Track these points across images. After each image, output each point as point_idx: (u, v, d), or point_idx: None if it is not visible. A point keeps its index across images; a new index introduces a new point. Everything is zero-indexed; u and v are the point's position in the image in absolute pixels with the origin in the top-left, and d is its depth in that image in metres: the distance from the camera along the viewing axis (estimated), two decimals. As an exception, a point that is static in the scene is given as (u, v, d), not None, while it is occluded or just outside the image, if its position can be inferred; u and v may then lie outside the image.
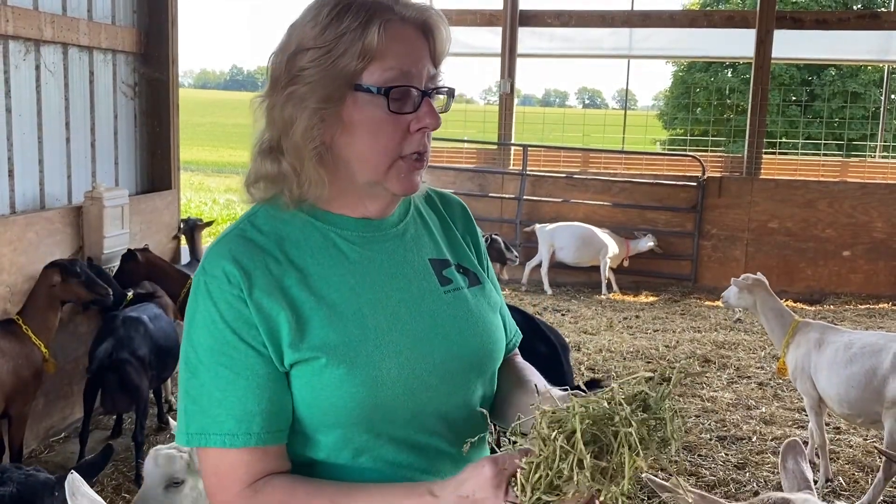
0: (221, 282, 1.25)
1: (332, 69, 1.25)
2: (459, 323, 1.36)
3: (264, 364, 1.24)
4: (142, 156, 6.39)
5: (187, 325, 1.28)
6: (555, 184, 10.66)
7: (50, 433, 5.19)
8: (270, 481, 1.25)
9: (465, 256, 1.46)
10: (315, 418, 1.27)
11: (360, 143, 1.28)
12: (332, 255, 1.31)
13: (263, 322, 1.24)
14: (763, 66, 10.23)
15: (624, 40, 11.36)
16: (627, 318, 8.68)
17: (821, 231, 10.05)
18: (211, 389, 1.24)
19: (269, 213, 1.33)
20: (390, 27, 1.25)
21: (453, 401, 1.35)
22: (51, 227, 5.13)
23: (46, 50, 5.25)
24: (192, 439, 1.26)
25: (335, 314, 1.27)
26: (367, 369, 1.25)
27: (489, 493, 1.12)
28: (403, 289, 1.34)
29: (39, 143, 5.23)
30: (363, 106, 1.26)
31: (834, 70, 20.38)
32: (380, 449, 1.29)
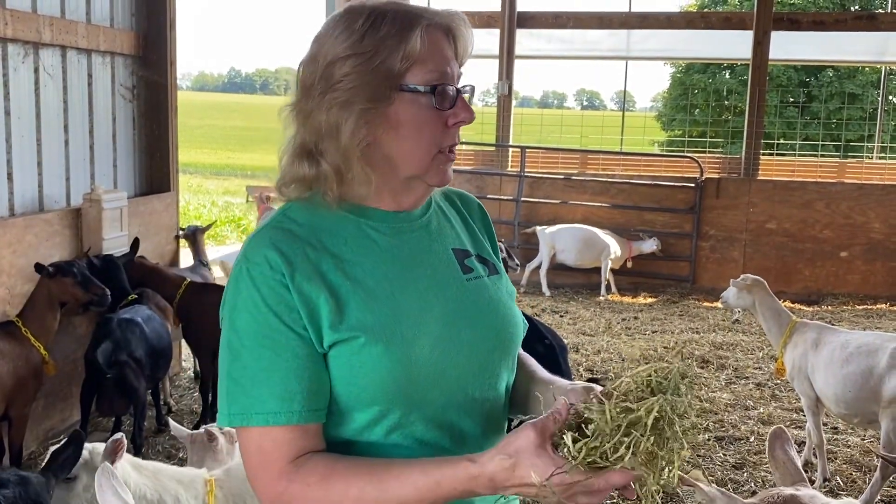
0: (263, 268, 1.32)
1: (377, 72, 1.34)
2: (482, 308, 1.45)
3: (304, 346, 1.31)
4: (140, 158, 6.40)
5: (229, 311, 1.35)
6: (553, 185, 10.68)
7: (49, 435, 5.19)
8: (311, 458, 1.31)
9: (483, 248, 1.56)
10: (352, 396, 1.34)
11: (407, 140, 1.37)
12: (364, 244, 1.39)
13: (304, 305, 1.31)
14: (760, 67, 10.25)
15: (622, 42, 11.40)
16: (626, 319, 8.70)
17: (818, 232, 10.07)
18: (254, 371, 1.31)
19: (303, 207, 1.41)
20: (428, 32, 1.35)
21: (479, 382, 1.43)
22: (50, 229, 5.14)
23: (45, 53, 5.26)
24: (234, 419, 1.32)
25: (370, 297, 1.35)
26: (402, 347, 1.33)
27: (532, 451, 1.18)
28: (430, 276, 1.42)
29: (38, 145, 5.24)
30: (408, 105, 1.36)
31: (831, 71, 20.42)
32: (411, 426, 1.36)
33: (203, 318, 5.35)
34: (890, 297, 9.77)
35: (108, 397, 4.56)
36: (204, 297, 5.40)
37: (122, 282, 5.12)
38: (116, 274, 5.10)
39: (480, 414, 1.43)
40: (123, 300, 5.09)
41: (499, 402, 1.47)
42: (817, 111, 18.08)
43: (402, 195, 1.44)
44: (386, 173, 1.40)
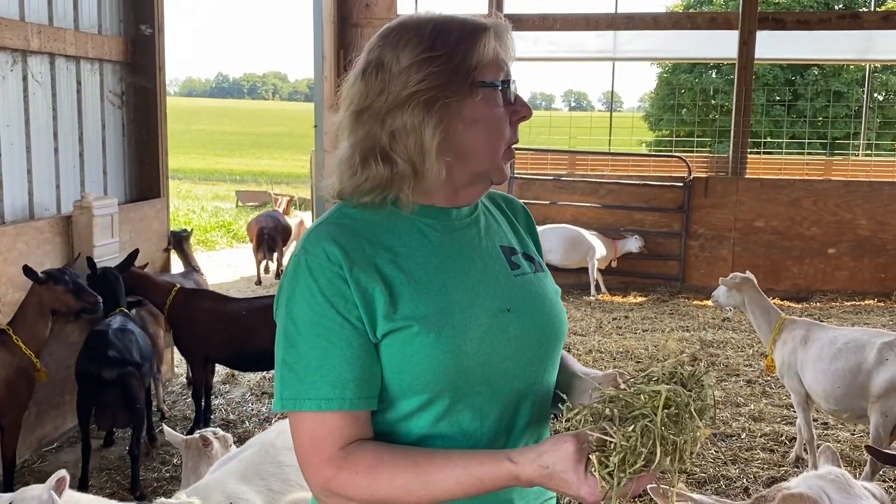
0: (322, 260, 1.38)
1: (456, 71, 1.41)
2: (529, 303, 1.50)
3: (358, 336, 1.37)
4: (130, 164, 6.40)
5: (287, 300, 1.40)
6: (542, 186, 10.71)
7: (43, 443, 5.19)
8: (361, 446, 1.36)
9: (528, 247, 1.62)
10: (403, 384, 1.39)
11: (480, 136, 1.44)
12: (416, 239, 1.45)
13: (361, 296, 1.37)
14: (746, 66, 10.32)
15: (609, 43, 11.45)
16: (617, 318, 8.74)
17: (806, 229, 10.14)
18: (308, 358, 1.36)
19: (356, 206, 1.47)
20: (499, 37, 1.45)
21: (526, 375, 1.47)
22: (40, 236, 5.13)
23: (33, 60, 5.26)
24: (286, 404, 1.37)
25: (423, 289, 1.41)
26: (452, 338, 1.38)
27: (570, 467, 1.22)
28: (480, 270, 1.48)
29: (28, 153, 5.24)
30: (482, 102, 1.43)
31: (816, 70, 20.57)
32: (458, 415, 1.41)
33: (193, 323, 5.35)
34: (877, 293, 9.85)
35: (109, 410, 4.46)
36: (194, 303, 5.40)
37: (118, 295, 5.09)
38: (114, 286, 5.08)
39: (526, 406, 1.48)
40: (113, 311, 5.06)
41: (544, 396, 1.52)
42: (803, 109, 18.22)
43: (464, 191, 1.50)
44: (454, 169, 1.46)
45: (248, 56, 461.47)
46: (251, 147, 41.48)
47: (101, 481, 4.76)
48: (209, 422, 5.52)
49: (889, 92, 21.69)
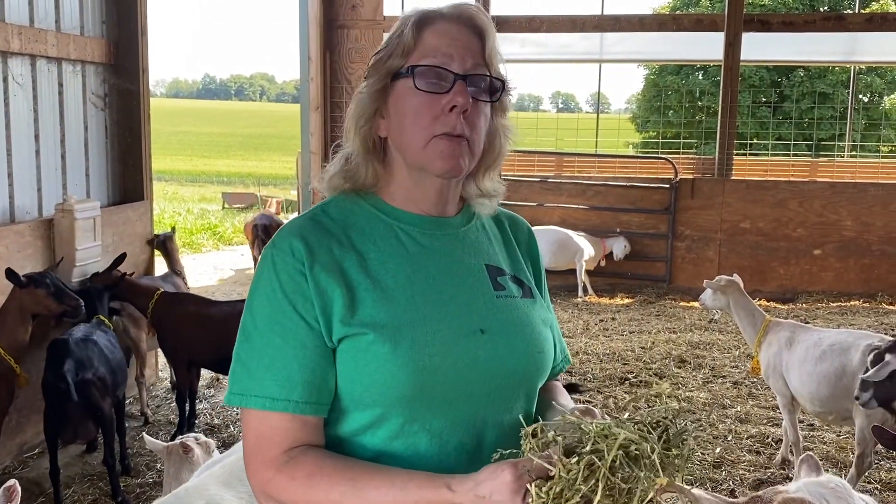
0: (286, 255, 1.35)
1: (384, 66, 1.41)
2: (507, 328, 1.42)
3: (313, 337, 1.33)
4: (113, 167, 6.34)
5: (250, 293, 1.38)
6: (530, 188, 10.71)
7: (24, 449, 5.13)
8: (304, 452, 1.32)
9: (521, 271, 1.53)
10: (355, 394, 1.34)
11: (400, 127, 1.40)
12: (392, 245, 1.41)
13: (319, 296, 1.33)
14: (732, 68, 10.35)
15: (595, 45, 11.47)
16: (604, 320, 8.74)
17: (792, 230, 10.18)
18: (260, 354, 1.33)
19: (341, 204, 1.45)
20: (427, 24, 1.39)
21: (493, 403, 1.39)
22: (21, 240, 5.07)
23: (14, 62, 5.20)
24: (233, 398, 1.35)
25: (387, 297, 1.35)
26: (410, 352, 1.31)
27: (507, 497, 1.15)
28: (457, 286, 1.41)
29: (8, 155, 5.18)
30: (401, 93, 1.39)
31: (802, 71, 20.68)
32: (413, 437, 1.34)
33: (177, 327, 5.30)
34: (863, 294, 9.90)
35: (71, 422, 4.29)
36: (177, 307, 5.35)
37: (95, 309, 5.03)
38: (95, 296, 5.06)
39: (491, 436, 1.39)
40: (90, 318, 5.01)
41: (512, 429, 1.38)
42: (789, 111, 18.30)
43: (417, 193, 1.44)
44: (397, 170, 1.44)
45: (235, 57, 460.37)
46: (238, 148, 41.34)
47: (83, 488, 4.71)
48: (194, 426, 5.47)
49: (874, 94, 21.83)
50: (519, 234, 1.59)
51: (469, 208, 1.52)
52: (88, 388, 4.36)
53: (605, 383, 6.50)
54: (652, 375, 6.66)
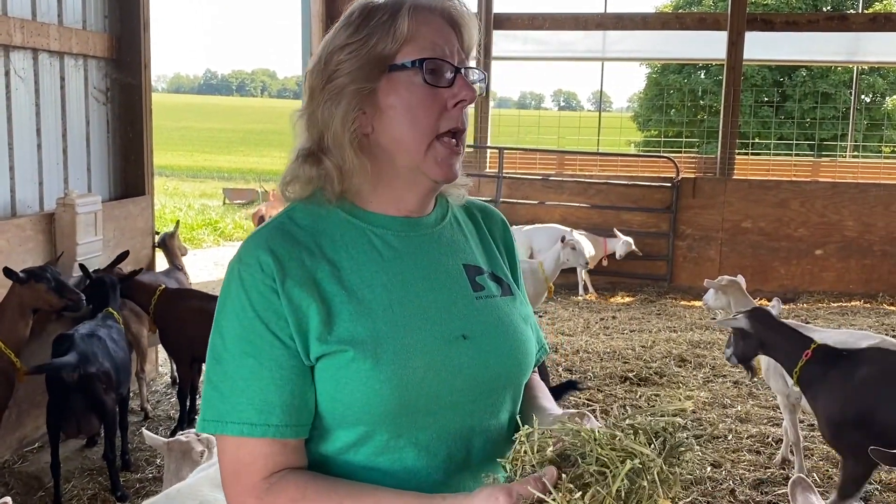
0: (255, 270, 1.25)
1: (368, 56, 1.29)
2: (489, 329, 1.36)
3: (289, 357, 1.25)
4: (115, 161, 6.33)
5: (218, 313, 1.29)
6: (531, 186, 10.70)
7: (24, 443, 5.12)
8: (285, 477, 1.24)
9: (499, 267, 1.47)
10: (337, 413, 1.27)
11: (398, 124, 1.30)
12: (366, 252, 1.32)
13: (293, 313, 1.24)
14: (735, 67, 10.33)
15: (598, 43, 11.44)
16: (604, 318, 8.73)
17: (793, 230, 10.17)
18: (234, 378, 1.24)
19: (308, 210, 1.35)
20: (419, 13, 1.30)
21: (479, 410, 1.34)
22: (22, 234, 5.07)
23: (16, 55, 5.19)
24: (207, 426, 1.26)
25: (365, 309, 1.27)
26: (392, 366, 1.24)
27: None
28: (435, 290, 1.34)
29: (10, 149, 5.17)
30: (399, 86, 1.29)
31: (805, 71, 20.65)
32: (400, 451, 1.29)
33: (179, 323, 5.30)
34: (864, 295, 9.89)
35: (73, 415, 4.31)
36: (179, 303, 5.35)
37: (109, 297, 5.07)
38: (108, 290, 5.07)
39: (479, 444, 1.34)
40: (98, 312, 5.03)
41: (500, 433, 1.37)
42: (791, 111, 18.28)
43: (405, 193, 1.36)
44: (384, 169, 1.34)
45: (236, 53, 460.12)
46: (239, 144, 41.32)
47: (83, 482, 4.71)
48: (194, 422, 5.47)
49: (876, 94, 21.81)
50: (493, 227, 1.52)
51: (442, 202, 1.46)
52: (92, 383, 4.36)
53: (605, 382, 6.49)
54: (652, 374, 6.66)
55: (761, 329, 4.24)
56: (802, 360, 4.00)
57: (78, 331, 4.61)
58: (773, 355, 4.32)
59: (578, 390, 5.60)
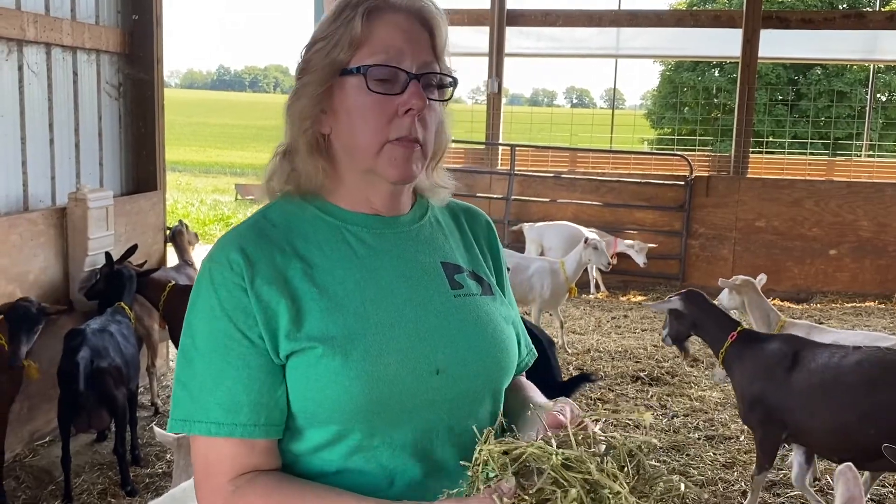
0: (224, 269, 1.26)
1: (328, 58, 1.29)
2: (467, 327, 1.34)
3: (258, 355, 1.24)
4: (127, 157, 6.34)
5: (188, 312, 1.29)
6: (543, 184, 10.66)
7: (35, 437, 5.14)
8: (253, 480, 1.23)
9: (480, 266, 1.44)
10: (308, 411, 1.25)
11: (349, 128, 1.30)
12: (339, 250, 1.31)
13: (262, 311, 1.24)
14: (750, 65, 10.26)
15: (611, 40, 11.38)
16: (616, 317, 8.69)
17: (807, 230, 10.09)
18: (203, 377, 1.24)
19: (283, 208, 1.35)
20: (376, 15, 1.28)
21: (456, 409, 1.32)
22: (34, 228, 5.08)
23: (29, 50, 5.19)
24: (176, 425, 1.26)
25: (336, 306, 1.26)
26: (363, 363, 1.23)
27: None
28: (411, 288, 1.32)
29: (23, 143, 5.18)
30: (349, 91, 1.29)
31: (820, 69, 20.50)
32: (374, 451, 1.27)
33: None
34: (878, 295, 9.80)
35: (84, 410, 4.31)
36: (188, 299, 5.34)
37: (124, 292, 5.10)
38: (125, 284, 5.11)
39: (457, 444, 1.31)
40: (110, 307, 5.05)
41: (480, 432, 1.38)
42: (806, 109, 18.15)
43: (369, 194, 1.35)
44: (345, 170, 1.34)
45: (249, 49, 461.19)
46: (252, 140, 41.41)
47: (93, 476, 4.72)
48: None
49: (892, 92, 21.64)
50: (477, 228, 1.50)
51: (422, 202, 1.44)
52: (103, 378, 4.38)
53: (616, 381, 6.46)
54: (664, 374, 6.62)
55: (694, 310, 4.42)
56: (727, 342, 4.19)
57: (89, 325, 4.62)
58: (703, 336, 4.49)
59: (591, 382, 5.53)
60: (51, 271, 5.21)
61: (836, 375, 3.81)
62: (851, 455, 3.85)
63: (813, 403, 3.86)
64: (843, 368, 3.82)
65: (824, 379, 3.84)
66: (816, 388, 3.85)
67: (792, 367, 3.94)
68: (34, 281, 5.05)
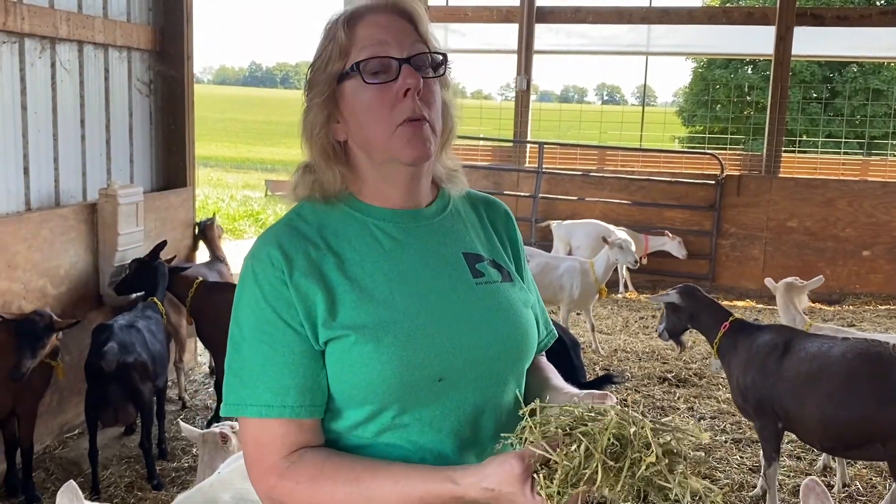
0: (266, 265, 1.36)
1: (325, 72, 1.41)
2: (490, 314, 1.43)
3: (301, 342, 1.34)
4: (157, 153, 6.41)
5: (235, 305, 1.40)
6: (571, 182, 10.60)
7: (64, 429, 5.22)
8: (304, 455, 1.34)
9: (499, 255, 1.54)
10: (345, 393, 1.36)
11: (360, 126, 1.39)
12: (367, 244, 1.41)
13: (301, 302, 1.34)
14: (783, 63, 10.11)
15: (642, 37, 11.29)
16: (644, 317, 8.62)
17: (840, 230, 9.93)
18: (251, 364, 1.35)
19: (314, 207, 1.45)
20: (356, 20, 1.40)
21: (483, 390, 1.41)
22: (65, 224, 5.15)
23: (62, 48, 5.26)
24: (229, 409, 1.37)
25: (366, 297, 1.36)
26: (393, 349, 1.33)
27: (517, 488, 1.18)
28: (435, 278, 1.42)
29: (55, 140, 5.25)
30: (351, 93, 1.39)
31: (856, 67, 20.15)
32: (405, 429, 1.37)
33: (216, 316, 5.33)
34: (913, 298, 9.62)
35: (111, 405, 4.39)
36: (216, 296, 5.38)
37: (157, 288, 5.20)
38: (158, 278, 5.21)
39: (488, 421, 1.42)
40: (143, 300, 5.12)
41: (506, 412, 1.44)
42: (841, 107, 17.86)
43: (388, 188, 1.44)
44: (364, 169, 1.44)
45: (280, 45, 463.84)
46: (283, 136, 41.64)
47: (120, 469, 4.78)
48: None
49: (930, 91, 21.19)
50: (496, 218, 1.60)
51: (444, 194, 1.53)
52: (129, 372, 4.42)
53: (643, 382, 6.41)
54: (692, 375, 6.55)
55: (690, 303, 4.55)
56: (721, 332, 4.29)
57: (117, 321, 4.67)
58: (699, 328, 4.59)
59: (615, 384, 5.50)
60: (81, 266, 5.28)
61: (823, 366, 3.87)
62: (837, 444, 3.89)
63: (800, 392, 3.91)
64: (829, 359, 3.86)
65: (811, 369, 3.90)
66: (803, 378, 3.91)
67: (782, 357, 4.00)
68: (65, 275, 5.12)
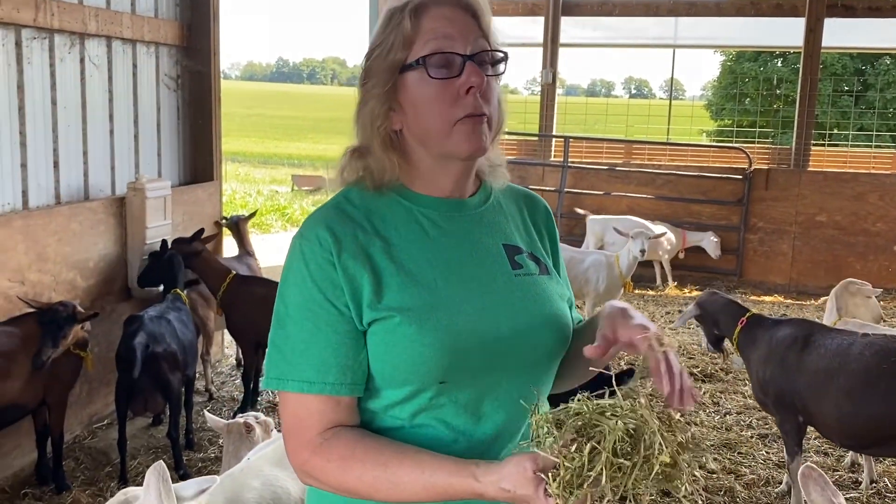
0: (314, 245, 1.39)
1: (386, 61, 1.42)
2: (528, 304, 1.46)
3: (344, 322, 1.38)
4: (184, 147, 6.47)
5: (281, 282, 1.43)
6: (597, 176, 10.55)
7: (94, 419, 5.30)
8: (338, 434, 1.38)
9: (537, 249, 1.57)
10: (386, 373, 1.39)
11: (418, 119, 1.42)
12: (413, 230, 1.44)
13: (348, 283, 1.37)
14: (813, 55, 9.99)
15: (669, 29, 11.19)
16: (670, 312, 8.57)
17: (871, 225, 9.79)
18: (295, 341, 1.38)
19: (361, 192, 1.48)
20: (422, 11, 1.40)
21: (515, 377, 1.44)
22: (94, 217, 5.22)
23: (91, 43, 5.33)
24: (271, 382, 1.40)
25: (411, 281, 1.40)
26: (435, 332, 1.36)
27: (530, 491, 1.21)
28: (476, 266, 1.45)
29: (84, 134, 5.33)
30: (413, 85, 1.40)
31: (888, 59, 19.82)
32: (440, 409, 1.40)
33: (247, 309, 5.38)
34: (946, 293, 9.47)
35: (140, 394, 4.46)
36: (248, 289, 5.44)
37: (176, 279, 5.23)
38: (176, 269, 5.24)
39: (514, 409, 1.44)
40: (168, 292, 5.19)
41: (535, 400, 1.46)
42: (872, 100, 17.58)
43: (440, 178, 1.47)
44: (418, 160, 1.46)
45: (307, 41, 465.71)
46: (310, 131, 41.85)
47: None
48: (256, 404, 5.57)
49: (965, 83, 20.80)
50: (536, 213, 1.63)
51: (486, 187, 1.56)
52: (158, 363, 4.49)
53: (668, 376, 6.36)
54: (718, 370, 6.50)
55: (708, 306, 4.60)
56: (738, 327, 4.33)
57: (147, 312, 4.74)
58: (721, 330, 4.57)
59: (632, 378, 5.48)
60: (110, 259, 5.35)
61: (842, 363, 3.82)
62: (856, 441, 3.84)
63: (819, 389, 3.87)
64: (848, 356, 3.82)
65: (830, 365, 3.86)
66: (822, 374, 3.87)
67: (802, 351, 3.98)
68: (94, 268, 5.20)
